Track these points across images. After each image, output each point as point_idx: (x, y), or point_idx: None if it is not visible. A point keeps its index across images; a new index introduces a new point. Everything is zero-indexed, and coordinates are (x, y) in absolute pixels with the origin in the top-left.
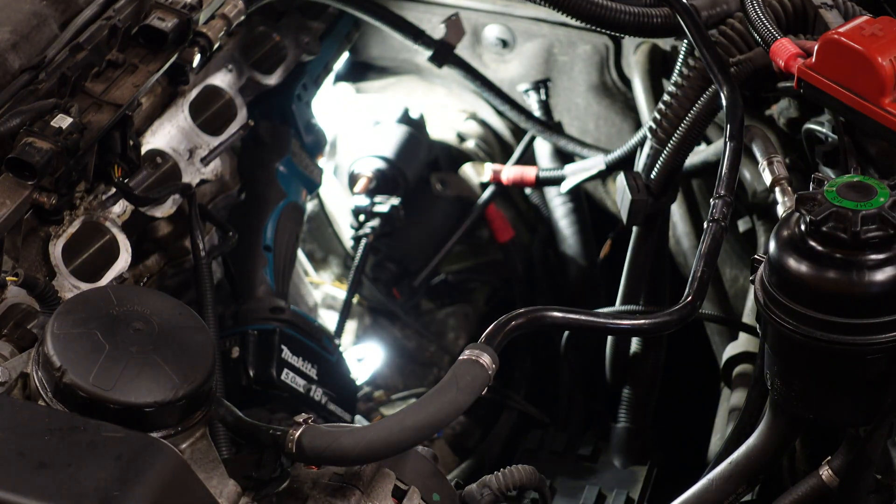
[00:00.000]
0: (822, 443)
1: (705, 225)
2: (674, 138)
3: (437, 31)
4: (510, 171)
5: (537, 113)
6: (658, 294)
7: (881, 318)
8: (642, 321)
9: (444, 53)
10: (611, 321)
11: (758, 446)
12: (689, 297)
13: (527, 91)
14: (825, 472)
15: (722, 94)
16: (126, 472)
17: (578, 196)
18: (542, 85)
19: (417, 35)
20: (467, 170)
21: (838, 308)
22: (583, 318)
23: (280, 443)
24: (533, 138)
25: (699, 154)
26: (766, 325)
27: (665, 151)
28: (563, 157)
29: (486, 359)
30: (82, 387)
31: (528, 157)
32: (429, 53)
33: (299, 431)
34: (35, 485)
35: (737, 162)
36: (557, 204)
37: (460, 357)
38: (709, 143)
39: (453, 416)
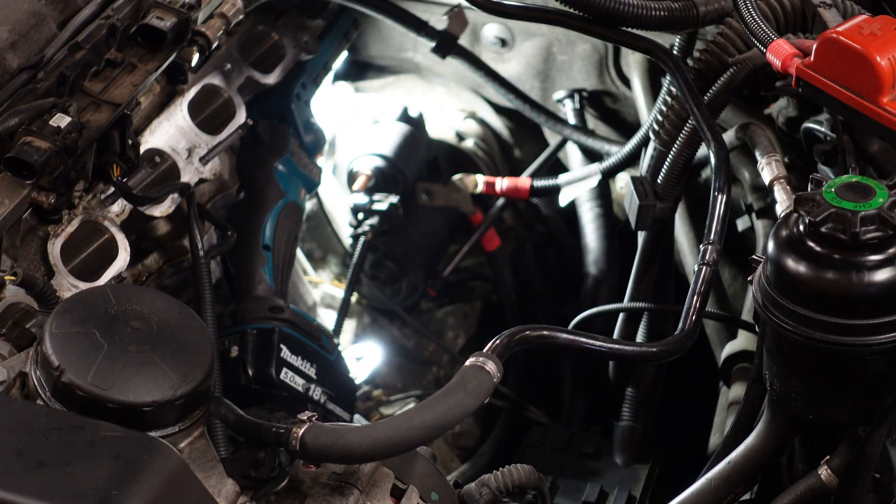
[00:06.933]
0: (820, 442)
1: (696, 267)
2: (678, 139)
3: (440, 24)
4: (503, 183)
5: (573, 122)
6: (664, 296)
7: (880, 319)
8: (643, 349)
9: (447, 44)
10: (614, 348)
11: (756, 446)
12: (688, 328)
13: (562, 100)
14: (824, 471)
15: (710, 151)
16: (124, 471)
17: (607, 200)
18: (577, 93)
19: (420, 26)
20: (456, 180)
21: (837, 309)
22: (586, 342)
23: (283, 440)
24: (564, 141)
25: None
26: (765, 325)
27: (671, 153)
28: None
29: (491, 366)
30: (81, 386)
31: (515, 164)
32: (431, 45)
33: (303, 429)
34: (34, 484)
35: (726, 212)
36: (586, 209)
37: (467, 363)
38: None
39: (459, 418)
